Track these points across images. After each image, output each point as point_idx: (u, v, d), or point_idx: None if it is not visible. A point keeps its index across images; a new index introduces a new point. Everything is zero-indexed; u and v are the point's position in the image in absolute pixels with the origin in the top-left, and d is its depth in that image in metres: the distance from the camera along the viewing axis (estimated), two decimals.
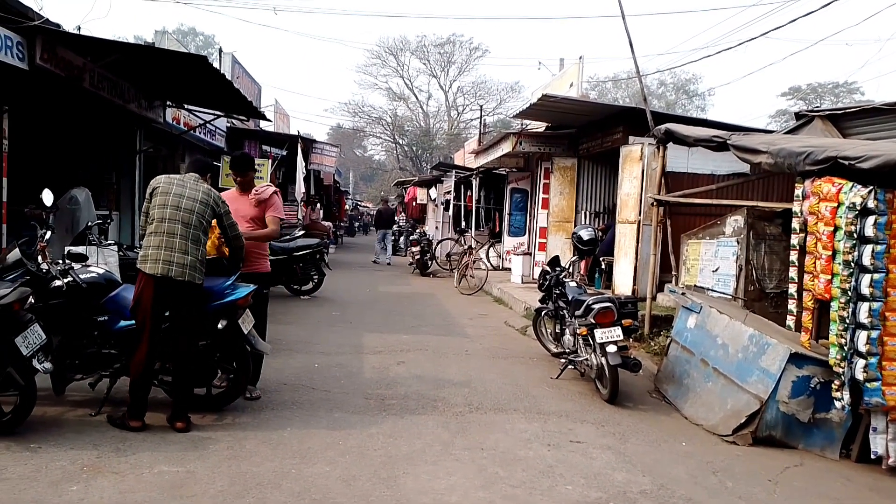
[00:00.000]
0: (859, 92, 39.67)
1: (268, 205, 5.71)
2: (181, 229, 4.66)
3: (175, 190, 4.74)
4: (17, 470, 3.88)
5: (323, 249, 12.25)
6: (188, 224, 4.69)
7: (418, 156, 48.12)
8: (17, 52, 7.01)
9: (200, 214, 4.75)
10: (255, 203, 5.66)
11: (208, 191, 4.88)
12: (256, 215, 5.67)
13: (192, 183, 4.84)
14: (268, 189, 5.80)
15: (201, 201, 4.77)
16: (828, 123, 8.11)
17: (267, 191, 5.77)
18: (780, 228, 7.41)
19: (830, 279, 5.01)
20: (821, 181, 5.19)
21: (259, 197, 5.69)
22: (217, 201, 4.90)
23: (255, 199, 5.67)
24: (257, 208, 5.67)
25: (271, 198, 5.74)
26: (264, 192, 5.74)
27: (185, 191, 4.76)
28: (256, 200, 5.67)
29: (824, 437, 5.22)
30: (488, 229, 19.02)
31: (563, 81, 16.16)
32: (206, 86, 9.93)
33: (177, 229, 4.65)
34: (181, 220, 4.67)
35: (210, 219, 4.86)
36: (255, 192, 5.72)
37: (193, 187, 4.81)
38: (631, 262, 9.56)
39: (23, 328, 4.29)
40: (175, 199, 4.70)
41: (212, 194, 4.88)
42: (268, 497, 3.75)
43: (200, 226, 4.75)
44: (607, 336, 6.00)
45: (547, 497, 3.99)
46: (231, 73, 15.77)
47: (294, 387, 5.97)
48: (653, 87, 45.19)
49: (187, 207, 4.71)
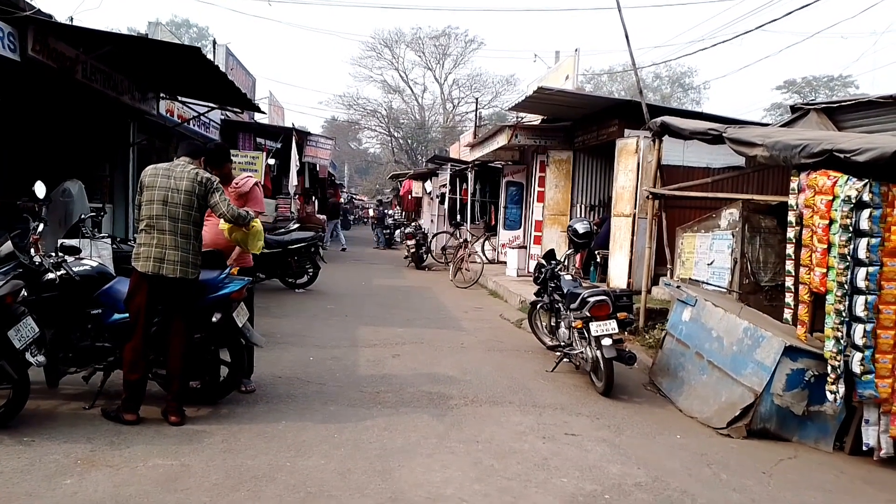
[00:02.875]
0: (854, 85, 39.77)
1: (249, 198, 5.58)
2: (170, 225, 4.60)
3: (160, 182, 4.63)
4: (10, 463, 3.86)
5: (318, 242, 12.22)
6: (176, 218, 4.61)
7: (413, 149, 48.05)
8: (8, 43, 6.96)
9: (187, 206, 4.64)
10: (234, 196, 5.51)
11: (194, 176, 4.69)
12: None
13: (178, 171, 4.69)
14: (247, 181, 5.67)
15: (186, 190, 4.63)
16: (823, 116, 8.11)
17: (247, 183, 5.65)
18: (775, 222, 7.42)
19: (826, 272, 5.02)
20: (816, 174, 5.19)
21: (239, 190, 5.57)
22: (204, 183, 4.71)
23: (235, 193, 5.54)
24: (238, 201, 5.50)
25: (252, 190, 5.63)
26: (244, 185, 5.62)
27: (170, 182, 4.63)
28: (237, 194, 5.54)
29: (818, 430, 5.24)
30: (484, 223, 19.02)
31: (558, 74, 16.12)
32: (200, 78, 9.89)
33: (165, 225, 4.59)
34: (168, 215, 4.59)
35: (201, 204, 4.73)
36: (235, 185, 5.59)
37: (179, 176, 4.66)
38: (626, 255, 9.57)
39: (15, 321, 4.25)
40: (161, 193, 4.60)
41: (198, 178, 4.70)
42: (263, 490, 3.74)
43: (189, 218, 4.66)
44: (602, 329, 6.00)
45: (542, 489, 3.99)
46: (225, 65, 15.72)
47: (289, 380, 5.96)
48: (648, 80, 45.18)
49: (173, 201, 4.60)
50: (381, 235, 25.10)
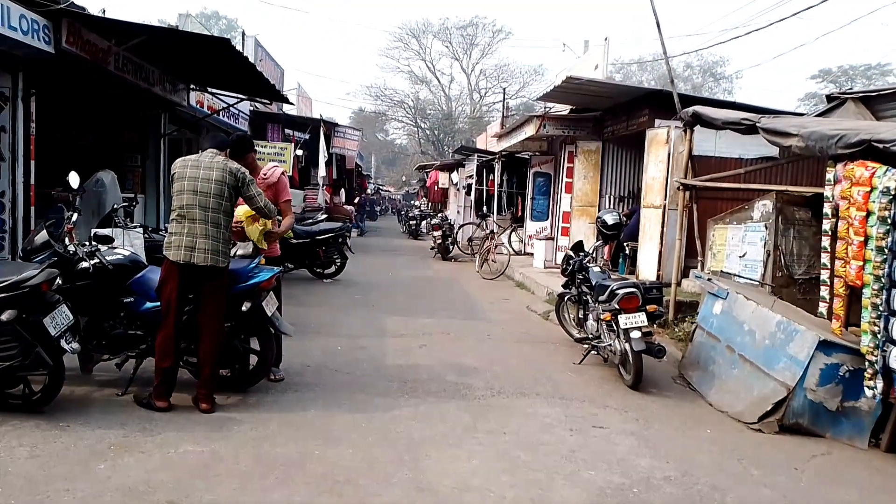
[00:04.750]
0: (893, 74, 38.73)
1: (277, 189, 5.59)
2: (200, 214, 4.63)
3: (189, 173, 4.67)
4: (47, 447, 3.95)
5: (345, 233, 12.29)
6: (206, 207, 4.65)
7: (440, 140, 47.99)
8: (43, 35, 7.06)
9: (218, 196, 4.67)
10: (264, 187, 5.51)
11: (224, 166, 4.73)
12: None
13: (206, 161, 4.72)
14: (275, 171, 5.67)
15: (216, 180, 4.67)
16: (861, 106, 7.92)
17: (274, 173, 5.65)
18: (809, 213, 7.26)
19: (862, 265, 4.89)
20: (853, 165, 5.06)
21: (267, 181, 5.57)
22: (235, 173, 4.75)
23: (265, 184, 5.54)
24: (268, 192, 5.50)
25: (280, 180, 5.64)
26: (272, 176, 5.62)
27: (199, 172, 4.67)
28: (266, 185, 5.54)
29: (853, 426, 5.12)
30: (510, 214, 18.92)
31: (587, 63, 15.92)
32: (230, 69, 9.96)
33: (196, 214, 4.63)
34: (199, 204, 4.63)
35: (232, 194, 4.77)
36: (263, 176, 5.59)
37: (208, 166, 4.69)
38: (656, 247, 9.45)
39: (50, 309, 4.34)
40: (191, 184, 4.64)
41: (228, 168, 4.74)
42: (291, 477, 3.77)
43: (220, 207, 4.69)
44: (631, 322, 5.94)
45: (570, 482, 3.97)
46: (254, 57, 15.80)
47: (317, 369, 6.00)
48: (679, 69, 44.45)
49: (203, 190, 4.64)
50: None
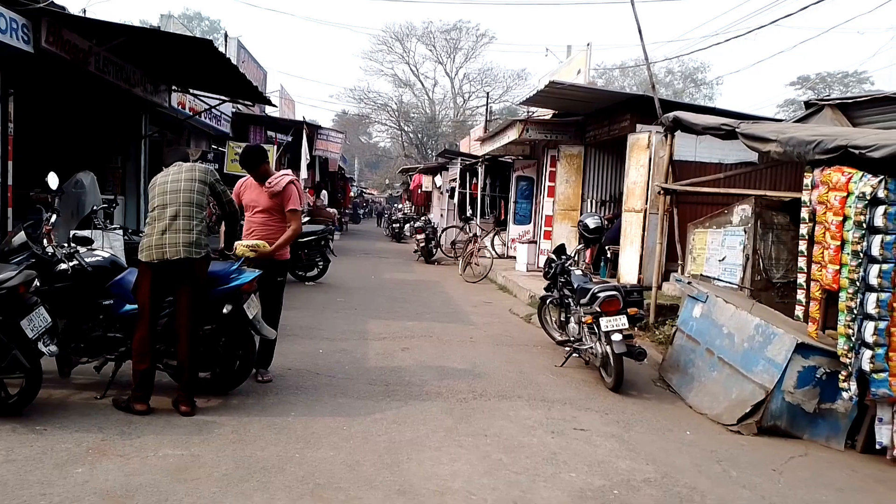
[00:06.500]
0: (869, 81, 39.38)
1: (284, 198, 5.52)
2: (171, 210, 4.70)
3: (160, 181, 4.87)
4: (22, 451, 3.90)
5: (328, 236, 12.24)
6: (177, 203, 4.72)
7: (424, 143, 47.99)
8: (22, 34, 6.99)
9: (188, 191, 4.77)
10: (268, 196, 5.52)
11: (192, 167, 4.95)
12: (272, 206, 5.54)
13: (174, 170, 4.90)
14: (282, 180, 5.54)
15: (186, 179, 4.81)
16: (838, 112, 8.04)
17: (280, 182, 5.53)
18: (787, 218, 7.36)
19: (839, 269, 4.97)
20: (830, 170, 5.14)
21: (272, 189, 5.51)
22: (204, 170, 4.96)
23: (269, 192, 5.51)
24: (272, 201, 5.52)
25: (286, 189, 5.52)
26: (278, 185, 5.52)
27: (168, 178, 4.85)
28: (270, 193, 5.51)
29: (829, 428, 5.20)
30: (493, 217, 18.97)
31: (570, 68, 16.05)
32: (212, 70, 9.90)
33: (166, 213, 4.70)
34: (169, 202, 4.73)
35: (204, 189, 4.86)
36: (269, 185, 5.54)
37: (176, 172, 4.88)
38: (637, 250, 9.53)
39: (28, 311, 4.29)
40: (161, 188, 4.81)
41: (196, 167, 4.96)
42: (272, 481, 3.75)
43: (191, 200, 4.76)
44: (612, 324, 5.98)
45: (550, 484, 3.99)
46: (237, 58, 15.74)
47: (298, 372, 5.97)
48: (660, 75, 44.90)
49: (173, 190, 4.76)
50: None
